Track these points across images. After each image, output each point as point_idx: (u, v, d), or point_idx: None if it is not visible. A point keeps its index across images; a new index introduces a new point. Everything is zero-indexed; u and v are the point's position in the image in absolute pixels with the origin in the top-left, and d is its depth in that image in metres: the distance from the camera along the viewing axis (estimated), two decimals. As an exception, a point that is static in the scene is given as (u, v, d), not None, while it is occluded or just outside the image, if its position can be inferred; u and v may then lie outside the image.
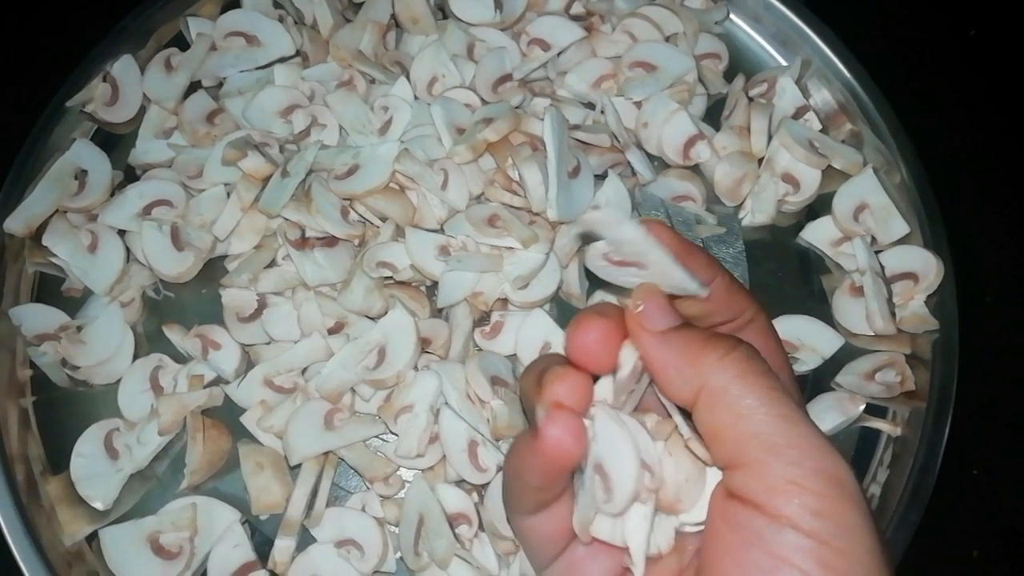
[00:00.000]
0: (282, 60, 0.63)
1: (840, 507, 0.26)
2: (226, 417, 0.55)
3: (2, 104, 0.66)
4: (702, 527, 0.30)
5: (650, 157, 0.61)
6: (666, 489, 0.30)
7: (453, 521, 0.51)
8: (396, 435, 0.52)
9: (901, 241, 0.59)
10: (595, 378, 0.31)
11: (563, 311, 0.57)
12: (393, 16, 0.64)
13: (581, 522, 0.31)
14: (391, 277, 0.56)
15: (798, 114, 0.63)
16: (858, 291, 0.58)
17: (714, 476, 0.30)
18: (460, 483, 0.53)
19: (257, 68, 0.62)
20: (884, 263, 0.58)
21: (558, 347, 0.54)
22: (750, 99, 0.64)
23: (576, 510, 0.31)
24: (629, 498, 0.29)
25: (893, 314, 0.57)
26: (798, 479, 0.27)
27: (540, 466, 0.30)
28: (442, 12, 0.65)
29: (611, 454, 0.30)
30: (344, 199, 0.57)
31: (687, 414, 0.30)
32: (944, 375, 0.56)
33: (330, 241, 0.56)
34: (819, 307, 0.60)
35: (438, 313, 0.57)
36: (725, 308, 0.33)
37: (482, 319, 0.56)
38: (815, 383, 0.57)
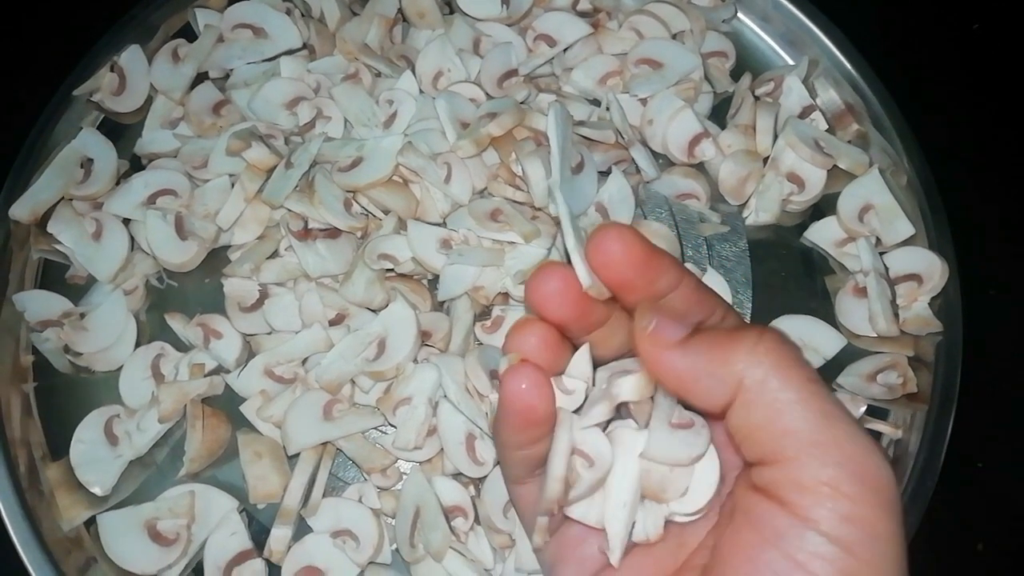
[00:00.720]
0: (289, 52, 0.63)
1: (874, 515, 0.25)
2: (226, 406, 0.55)
3: (10, 92, 0.67)
4: (696, 517, 0.30)
5: (655, 154, 0.61)
6: (650, 477, 0.29)
7: (449, 514, 0.51)
8: (395, 427, 0.52)
9: (906, 242, 0.59)
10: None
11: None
12: (400, 10, 0.64)
13: (536, 525, 0.30)
14: (392, 270, 0.56)
15: (804, 114, 0.63)
16: (861, 292, 0.57)
17: (709, 467, 0.30)
18: (457, 476, 0.53)
19: (264, 60, 0.63)
20: (888, 264, 0.58)
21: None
22: (756, 98, 0.64)
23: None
24: (550, 501, 0.29)
25: (896, 316, 0.56)
26: (834, 481, 0.25)
27: (509, 422, 0.29)
28: (449, 7, 0.65)
29: (550, 452, 0.29)
30: (347, 191, 0.57)
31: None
32: (947, 378, 0.55)
33: (332, 233, 0.57)
34: (822, 307, 0.59)
35: (439, 306, 0.57)
36: (696, 309, 0.31)
37: (483, 313, 0.56)
38: (816, 384, 0.57)
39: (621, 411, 0.31)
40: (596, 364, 0.32)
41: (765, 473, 0.27)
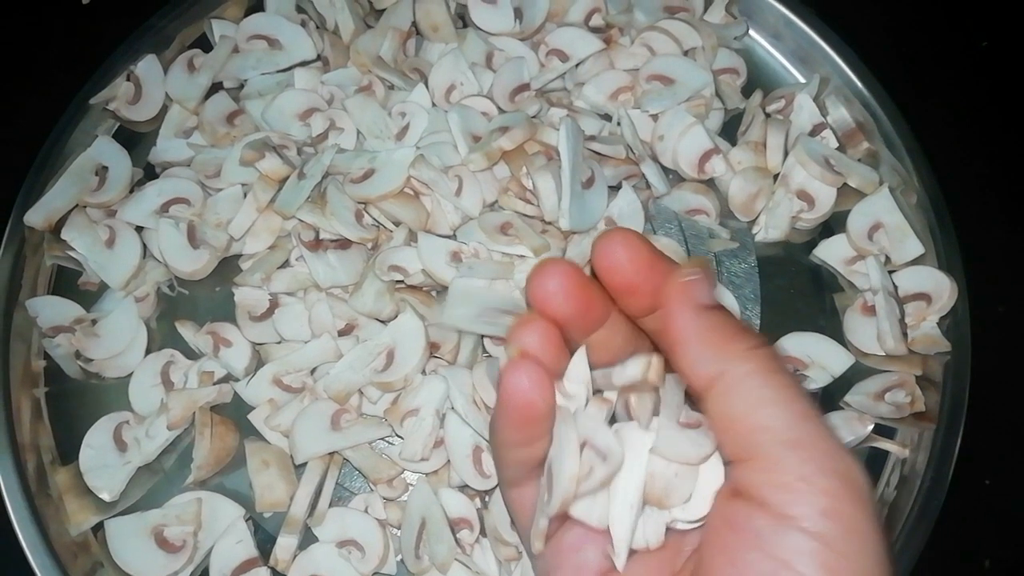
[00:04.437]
0: (303, 64, 0.63)
1: (851, 509, 0.25)
2: (234, 414, 0.56)
3: (27, 100, 0.68)
4: (698, 525, 0.30)
5: (665, 170, 0.61)
6: (654, 482, 0.29)
7: (455, 526, 0.51)
8: (402, 438, 0.53)
9: (915, 261, 0.59)
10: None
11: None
12: (414, 23, 0.64)
13: (535, 529, 0.30)
14: (402, 281, 0.56)
15: (815, 131, 0.63)
16: (870, 310, 0.57)
17: (712, 474, 0.29)
18: (463, 488, 0.53)
19: (278, 71, 0.63)
20: (897, 283, 0.58)
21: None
22: (767, 115, 0.64)
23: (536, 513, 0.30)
24: (563, 500, 0.28)
25: (905, 334, 0.56)
26: (810, 476, 0.25)
27: (507, 418, 0.29)
28: (462, 21, 0.66)
29: (556, 451, 0.29)
30: (359, 202, 0.57)
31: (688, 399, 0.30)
32: (955, 397, 0.55)
33: (343, 243, 0.57)
34: (830, 325, 0.59)
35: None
36: None
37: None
38: (824, 401, 0.57)
39: (624, 412, 0.30)
40: (593, 369, 0.31)
41: (744, 473, 0.27)
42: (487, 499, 0.52)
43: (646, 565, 0.31)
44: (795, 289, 0.61)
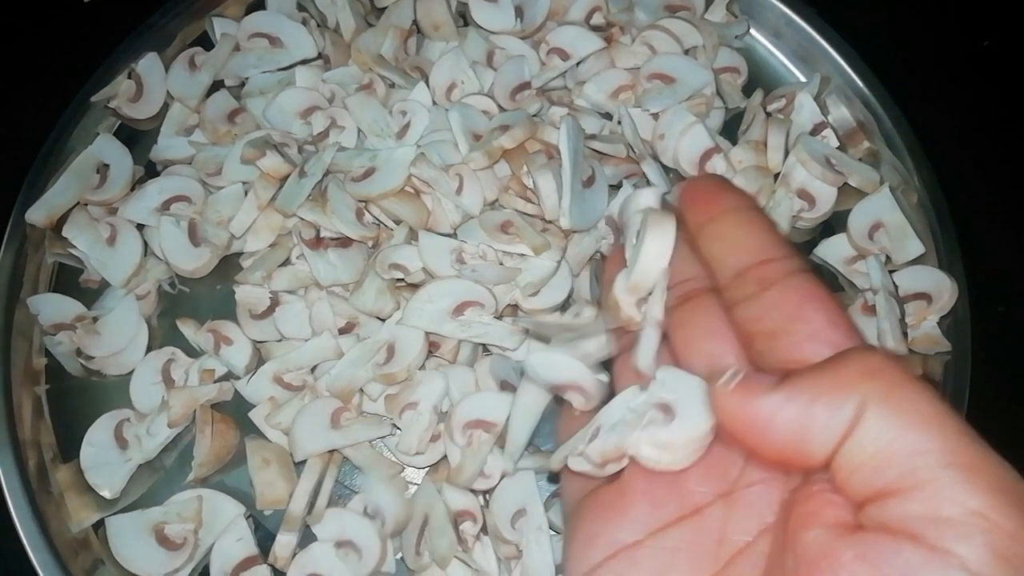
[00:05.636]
0: (304, 62, 0.63)
1: None
2: (235, 412, 0.56)
3: (29, 97, 0.68)
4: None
5: (666, 169, 0.61)
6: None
7: (458, 518, 0.51)
8: (400, 429, 0.53)
9: (915, 261, 0.59)
10: None
11: (573, 319, 0.57)
12: (415, 22, 0.64)
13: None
14: (403, 279, 0.56)
15: (816, 131, 0.63)
16: (870, 310, 0.57)
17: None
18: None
19: (279, 69, 0.63)
20: (898, 282, 0.58)
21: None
22: (768, 114, 0.64)
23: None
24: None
25: (905, 334, 0.56)
26: (985, 510, 0.21)
27: None
28: (463, 19, 0.66)
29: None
30: (359, 201, 0.57)
31: None
32: (955, 397, 0.55)
33: (344, 242, 0.57)
34: (830, 324, 0.59)
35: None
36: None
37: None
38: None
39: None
40: None
41: (891, 507, 0.22)
42: (489, 497, 0.52)
43: (687, 556, 0.29)
44: (795, 288, 0.61)
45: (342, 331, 0.56)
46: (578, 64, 0.64)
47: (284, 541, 0.51)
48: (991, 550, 0.20)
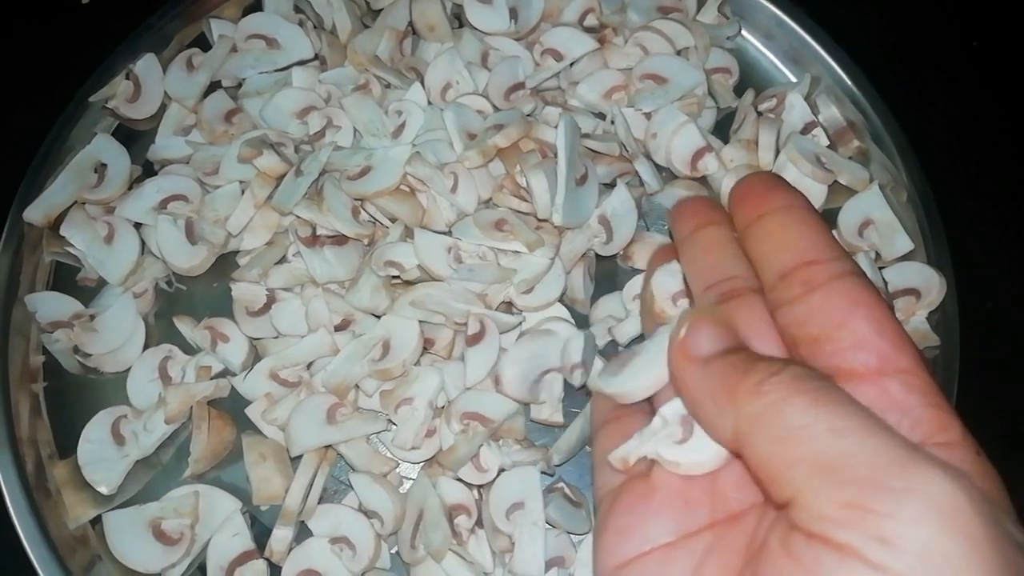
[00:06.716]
0: (300, 63, 0.64)
1: (926, 531, 0.21)
2: (231, 408, 0.56)
3: (27, 97, 0.68)
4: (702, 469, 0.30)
5: (658, 167, 0.62)
6: None
7: (452, 511, 0.52)
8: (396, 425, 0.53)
9: (904, 257, 0.60)
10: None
11: (566, 316, 0.58)
12: (410, 23, 0.65)
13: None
14: (398, 276, 0.57)
15: (806, 130, 0.64)
16: (860, 306, 0.58)
17: None
18: (459, 481, 0.53)
19: (276, 70, 0.64)
20: (887, 278, 0.58)
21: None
22: (759, 113, 0.65)
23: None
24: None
25: (895, 330, 0.57)
26: (857, 501, 0.22)
27: None
28: (458, 20, 0.66)
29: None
30: (355, 199, 0.58)
31: None
32: (943, 391, 0.55)
33: (340, 240, 0.58)
34: (821, 321, 0.60)
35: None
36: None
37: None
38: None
39: None
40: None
41: (792, 515, 0.24)
42: (484, 491, 0.53)
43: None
44: (787, 285, 0.61)
45: (338, 328, 0.56)
46: (572, 65, 0.64)
47: (280, 536, 0.52)
48: (872, 535, 0.22)
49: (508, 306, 0.57)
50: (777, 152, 0.62)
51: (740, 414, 0.25)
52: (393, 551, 0.53)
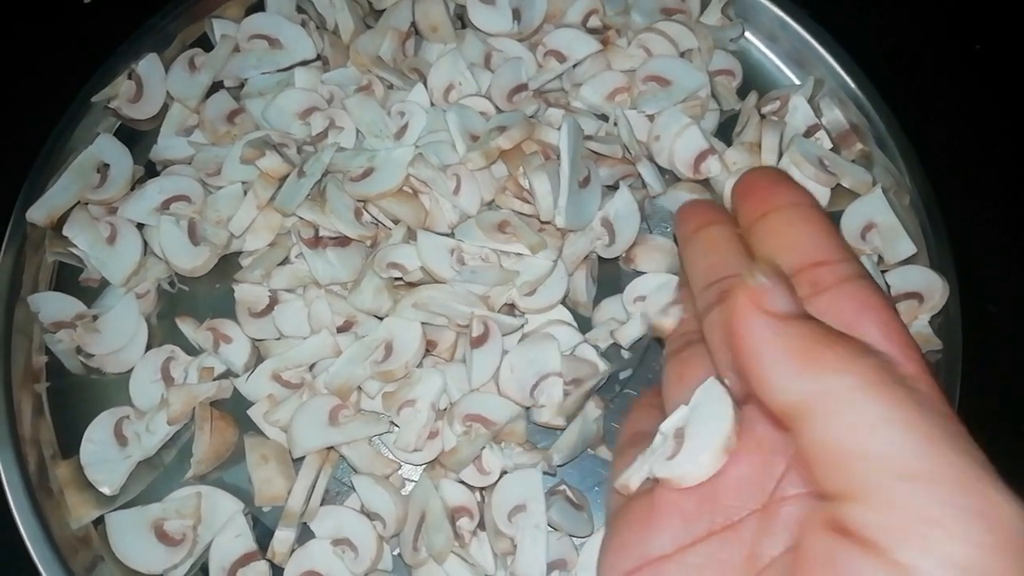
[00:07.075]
0: (303, 63, 0.64)
1: (1000, 564, 0.20)
2: (234, 409, 0.56)
3: (30, 98, 0.68)
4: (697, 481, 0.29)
5: (661, 170, 0.62)
6: None
7: (455, 514, 0.52)
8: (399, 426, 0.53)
9: (907, 261, 0.60)
10: None
11: (569, 318, 0.58)
12: (413, 24, 0.65)
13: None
14: (401, 278, 0.57)
15: (809, 132, 0.64)
16: (863, 309, 0.58)
17: (719, 423, 0.29)
18: (461, 484, 0.53)
19: (278, 70, 0.64)
20: (890, 282, 0.58)
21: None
22: (762, 116, 0.65)
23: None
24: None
25: (897, 333, 0.57)
26: (939, 519, 0.20)
27: None
28: (461, 21, 0.66)
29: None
30: (358, 200, 0.58)
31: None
32: (945, 395, 0.55)
33: (343, 241, 0.58)
34: (823, 324, 0.60)
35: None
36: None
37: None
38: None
39: None
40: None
41: (851, 511, 0.22)
42: (487, 493, 0.53)
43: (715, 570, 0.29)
44: (789, 288, 0.61)
45: (340, 329, 0.56)
46: (575, 66, 0.64)
47: (282, 537, 0.52)
48: (949, 561, 0.20)
49: (511, 308, 0.57)
50: (780, 155, 0.62)
51: (817, 385, 0.23)
52: (395, 553, 0.53)
